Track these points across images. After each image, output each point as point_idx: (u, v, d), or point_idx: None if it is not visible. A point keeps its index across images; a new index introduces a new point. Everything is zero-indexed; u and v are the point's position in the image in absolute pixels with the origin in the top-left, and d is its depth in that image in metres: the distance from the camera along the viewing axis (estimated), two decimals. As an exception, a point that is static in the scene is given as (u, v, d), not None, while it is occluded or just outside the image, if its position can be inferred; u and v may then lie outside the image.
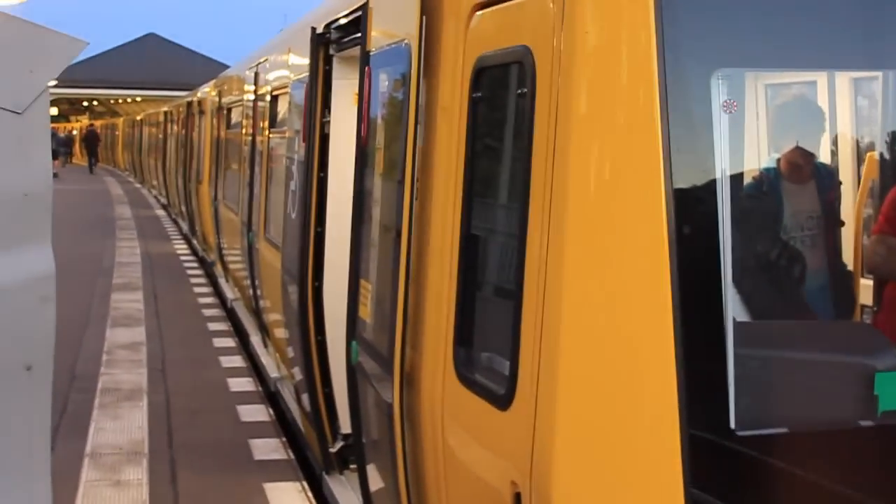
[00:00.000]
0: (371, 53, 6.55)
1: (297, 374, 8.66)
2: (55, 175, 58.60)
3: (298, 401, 9.78)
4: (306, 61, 9.47)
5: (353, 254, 6.87)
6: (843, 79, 6.62)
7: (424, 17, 5.42)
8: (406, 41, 5.67)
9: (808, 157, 6.45)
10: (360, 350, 6.36)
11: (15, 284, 2.62)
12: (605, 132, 3.79)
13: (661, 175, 3.69)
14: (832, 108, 6.88)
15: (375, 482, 6.62)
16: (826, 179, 6.74)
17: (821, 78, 6.74)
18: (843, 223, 5.82)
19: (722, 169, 3.84)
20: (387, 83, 6.26)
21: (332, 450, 8.18)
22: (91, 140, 73.75)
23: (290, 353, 10.00)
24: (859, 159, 6.88)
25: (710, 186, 3.81)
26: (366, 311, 6.52)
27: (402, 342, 5.37)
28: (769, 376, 4.10)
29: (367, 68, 6.54)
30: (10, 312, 2.62)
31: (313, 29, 8.33)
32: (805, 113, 6.65)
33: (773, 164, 5.58)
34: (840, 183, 6.78)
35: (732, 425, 3.78)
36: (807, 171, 6.15)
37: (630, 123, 3.74)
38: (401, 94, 5.79)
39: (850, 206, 6.33)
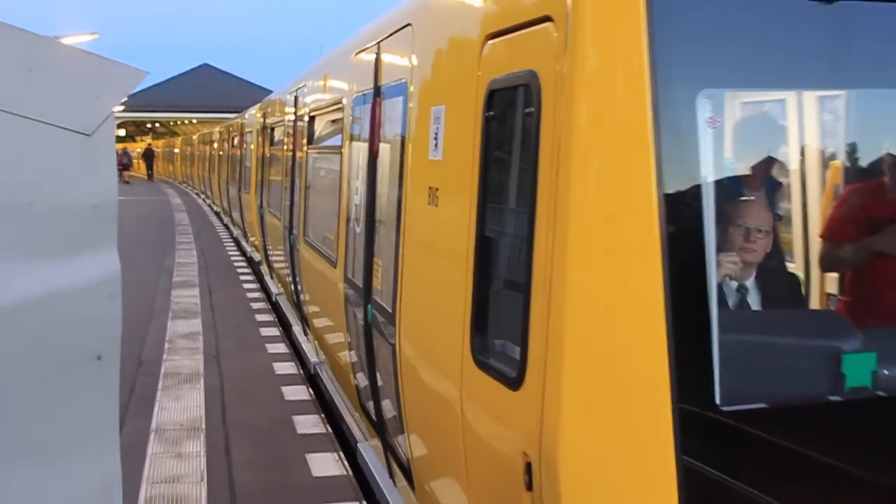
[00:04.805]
0: (381, 87, 7.26)
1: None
2: (126, 182, 59.29)
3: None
4: (340, 85, 9.55)
5: (367, 241, 7.45)
6: (810, 97, 6.60)
7: (416, 59, 6.07)
8: (403, 79, 6.41)
9: (779, 166, 6.43)
10: (373, 309, 7.05)
11: (85, 285, 2.61)
12: (603, 145, 3.77)
13: (652, 182, 3.67)
14: (801, 122, 6.87)
15: (387, 411, 6.90)
16: (792, 186, 6.73)
17: (791, 97, 6.73)
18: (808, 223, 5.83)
19: (706, 177, 3.82)
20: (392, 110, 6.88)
21: None
22: (148, 156, 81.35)
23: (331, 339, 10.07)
24: (824, 167, 6.86)
25: (696, 192, 3.80)
26: (377, 283, 7.03)
27: (399, 302, 5.98)
28: (750, 358, 4.09)
29: (377, 99, 7.20)
30: (81, 310, 2.62)
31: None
32: (777, 127, 6.63)
33: (750, 172, 5.57)
34: (805, 189, 6.78)
35: (717, 401, 3.77)
36: (776, 179, 6.13)
37: (625, 137, 3.72)
38: (401, 118, 6.46)
39: (816, 208, 6.32)
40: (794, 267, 6.15)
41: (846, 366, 4.03)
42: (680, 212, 3.74)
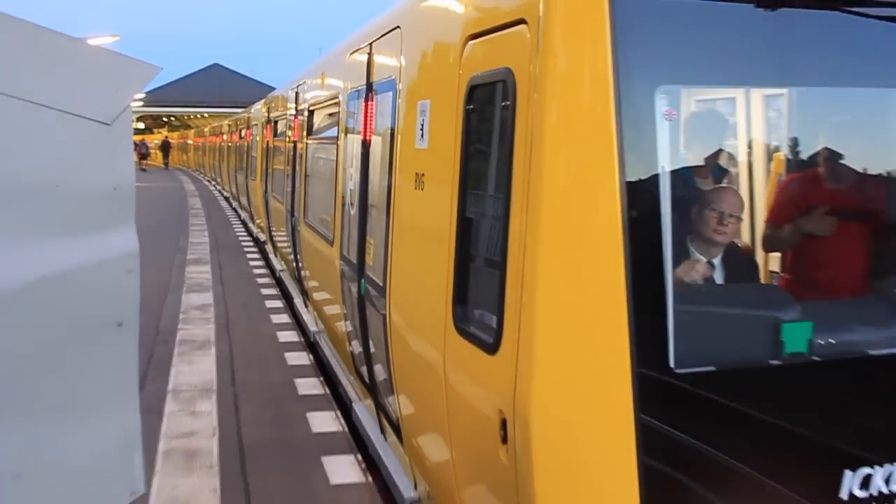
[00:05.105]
0: (373, 83, 7.33)
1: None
2: (144, 170, 58.91)
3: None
4: (336, 82, 9.51)
5: (360, 222, 7.43)
6: (757, 95, 6.61)
7: (404, 58, 6.16)
8: (393, 76, 6.45)
9: (728, 156, 6.44)
10: (366, 284, 7.13)
11: (107, 260, 2.61)
12: (572, 136, 3.77)
13: (615, 169, 3.68)
14: (748, 117, 6.87)
15: (379, 374, 6.91)
16: (740, 176, 6.74)
17: (740, 94, 6.73)
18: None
19: (663, 165, 3.83)
20: (382, 104, 6.93)
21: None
22: (165, 147, 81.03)
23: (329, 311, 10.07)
24: (769, 158, 6.88)
25: (655, 178, 3.80)
26: (370, 259, 7.08)
27: (389, 277, 6.08)
28: (700, 326, 4.09)
29: (370, 94, 7.31)
30: (104, 282, 2.62)
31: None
32: (727, 122, 6.63)
33: (703, 162, 5.58)
34: (751, 177, 6.79)
35: (671, 364, 3.80)
36: (724, 168, 6.14)
37: (591, 129, 3.72)
38: (390, 112, 6.48)
39: (761, 195, 6.33)
40: (743, 247, 6.17)
41: (785, 334, 4.06)
42: (640, 197, 3.74)
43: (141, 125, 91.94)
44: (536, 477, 3.79)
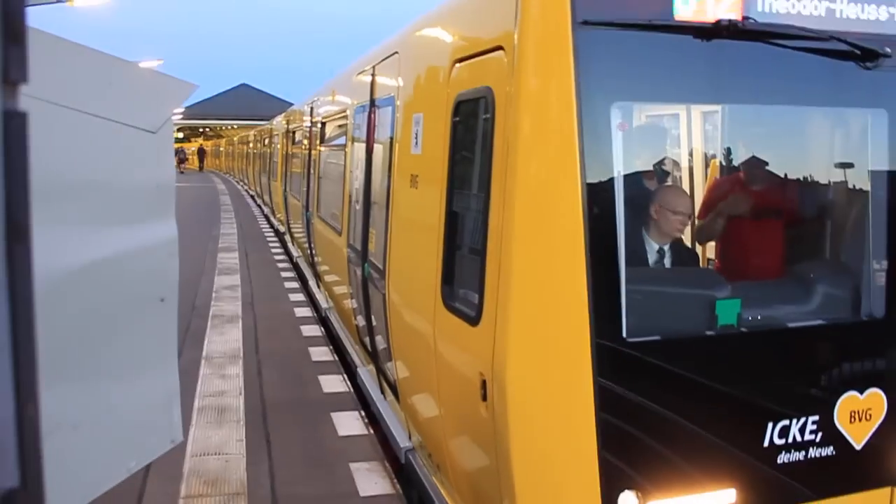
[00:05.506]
0: (375, 100, 7.40)
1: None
2: (181, 172, 58.66)
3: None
4: (344, 98, 9.50)
5: (364, 215, 7.44)
6: (696, 111, 6.63)
7: (401, 79, 6.22)
8: (392, 94, 6.50)
9: (673, 162, 6.47)
10: (369, 267, 7.12)
11: (152, 245, 2.62)
12: (541, 145, 3.77)
13: (578, 172, 3.69)
14: (689, 130, 6.90)
15: (379, 343, 6.90)
16: (683, 179, 6.77)
17: (682, 110, 6.76)
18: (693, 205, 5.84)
19: (618, 169, 3.83)
20: (383, 117, 6.96)
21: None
22: (201, 154, 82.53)
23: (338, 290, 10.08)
24: (706, 164, 6.91)
25: (610, 180, 3.81)
26: (372, 247, 7.04)
27: (388, 261, 6.08)
28: (648, 303, 4.12)
29: (373, 109, 7.36)
30: (148, 263, 2.63)
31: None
32: (671, 133, 6.66)
33: (651, 168, 5.60)
34: (692, 179, 6.82)
35: (624, 335, 3.81)
36: (670, 171, 6.16)
37: (557, 139, 3.72)
38: (390, 123, 6.49)
39: (699, 196, 6.36)
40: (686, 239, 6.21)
41: (718, 309, 4.08)
42: (598, 195, 3.75)
43: (180, 135, 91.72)
44: (511, 428, 3.80)
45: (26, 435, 0.98)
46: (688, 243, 5.46)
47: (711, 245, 6.00)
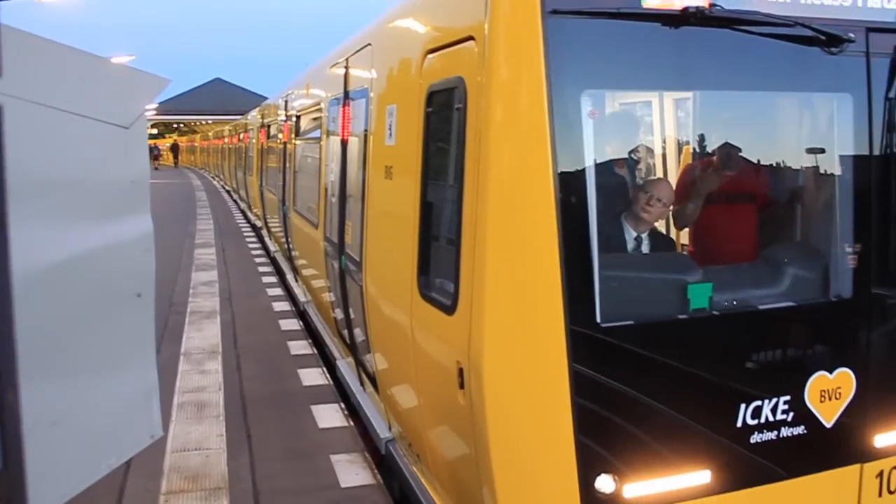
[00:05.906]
0: (349, 91, 7.42)
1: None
2: (156, 168, 58.09)
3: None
4: (318, 91, 9.48)
5: (340, 208, 7.46)
6: (668, 98, 6.67)
7: (374, 70, 6.22)
8: (366, 86, 6.50)
9: (645, 149, 6.50)
10: (346, 260, 7.16)
11: (127, 240, 2.63)
12: (513, 133, 3.80)
13: (549, 160, 3.71)
14: (661, 117, 6.94)
15: (357, 335, 6.93)
16: (655, 165, 6.81)
17: (654, 97, 6.80)
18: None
19: (589, 156, 3.86)
20: (357, 109, 7.01)
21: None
22: (175, 149, 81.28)
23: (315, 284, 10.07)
24: (679, 151, 6.95)
25: (582, 167, 3.83)
26: (348, 239, 7.11)
27: (364, 253, 6.14)
28: (621, 288, 4.15)
29: (347, 101, 7.37)
30: (125, 258, 2.64)
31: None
32: (644, 120, 6.70)
33: (623, 155, 5.63)
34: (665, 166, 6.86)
35: (598, 320, 3.84)
36: (642, 158, 6.20)
37: (529, 126, 3.74)
38: (364, 115, 6.54)
39: (672, 182, 6.39)
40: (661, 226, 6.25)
41: (690, 293, 4.13)
42: (570, 183, 3.77)
43: (154, 131, 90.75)
44: (488, 415, 3.84)
45: (7, 420, 1.01)
46: (665, 230, 5.51)
47: (684, 230, 6.05)
